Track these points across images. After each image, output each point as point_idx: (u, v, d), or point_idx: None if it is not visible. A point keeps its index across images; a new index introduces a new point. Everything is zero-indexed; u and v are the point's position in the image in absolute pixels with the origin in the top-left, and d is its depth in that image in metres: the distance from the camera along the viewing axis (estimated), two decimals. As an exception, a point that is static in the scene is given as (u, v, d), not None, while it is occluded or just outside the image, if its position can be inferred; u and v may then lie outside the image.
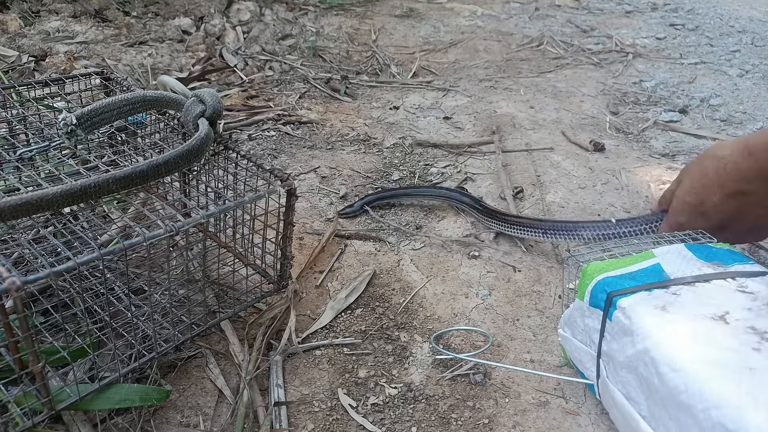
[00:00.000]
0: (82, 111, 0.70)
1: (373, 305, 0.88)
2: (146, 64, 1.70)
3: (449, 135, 1.46)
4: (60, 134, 0.68)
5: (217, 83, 1.68)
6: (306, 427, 0.68)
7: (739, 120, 1.60)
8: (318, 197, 1.15)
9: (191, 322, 0.74)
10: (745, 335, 0.55)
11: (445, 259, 0.99)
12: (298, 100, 1.61)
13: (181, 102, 0.78)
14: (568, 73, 1.96)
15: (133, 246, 0.58)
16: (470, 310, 0.88)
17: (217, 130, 0.78)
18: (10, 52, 1.59)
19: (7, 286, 0.50)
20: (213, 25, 2.04)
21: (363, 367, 0.77)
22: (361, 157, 1.33)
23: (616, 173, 1.29)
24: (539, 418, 0.71)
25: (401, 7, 2.67)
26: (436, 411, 0.71)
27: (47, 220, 0.83)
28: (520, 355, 0.80)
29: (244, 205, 0.71)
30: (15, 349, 0.57)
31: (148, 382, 0.71)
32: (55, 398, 0.61)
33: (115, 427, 0.66)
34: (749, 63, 2.06)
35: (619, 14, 2.74)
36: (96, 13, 1.98)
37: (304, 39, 2.11)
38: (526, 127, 1.51)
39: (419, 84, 1.81)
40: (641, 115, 1.63)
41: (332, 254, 0.98)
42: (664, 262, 0.68)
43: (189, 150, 0.67)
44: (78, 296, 0.74)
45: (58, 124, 0.68)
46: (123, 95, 0.75)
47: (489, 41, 2.28)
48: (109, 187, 0.60)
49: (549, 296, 0.91)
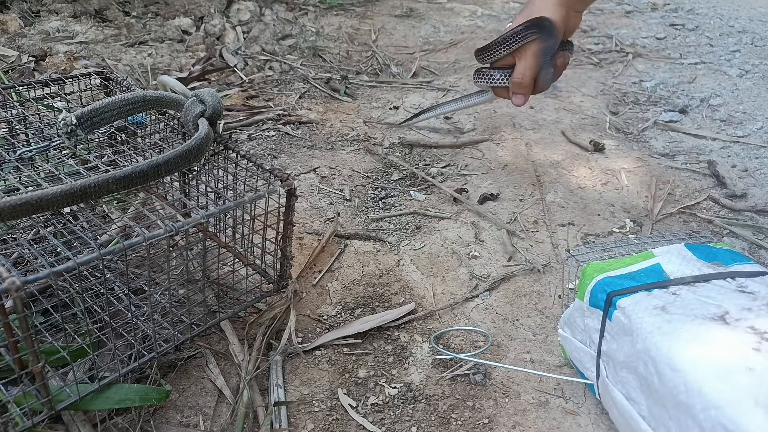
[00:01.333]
0: (81, 111, 0.70)
1: (373, 305, 0.88)
2: (146, 64, 1.70)
3: (449, 135, 1.46)
4: (60, 134, 0.68)
5: (217, 83, 1.68)
6: (306, 427, 0.68)
7: (739, 120, 1.60)
8: (318, 197, 1.15)
9: (191, 322, 0.74)
10: (745, 335, 0.55)
11: (445, 259, 0.99)
12: (298, 100, 1.61)
13: (181, 102, 0.78)
14: (568, 73, 1.96)
15: (133, 246, 0.58)
16: (470, 310, 0.88)
17: (217, 130, 0.78)
18: (10, 52, 1.59)
19: (7, 286, 0.50)
20: (213, 25, 2.04)
21: (363, 367, 0.77)
22: (361, 157, 1.33)
23: (616, 173, 1.29)
24: (539, 418, 0.71)
25: (401, 7, 2.67)
26: (436, 411, 0.71)
27: (47, 220, 0.83)
28: (520, 355, 0.80)
29: (244, 205, 0.71)
30: (15, 349, 0.57)
31: (148, 382, 0.71)
32: (54, 398, 0.61)
33: (115, 427, 0.66)
34: (749, 63, 2.06)
35: (619, 14, 2.74)
36: (96, 13, 1.98)
37: (304, 39, 2.11)
38: (526, 127, 1.51)
39: (419, 84, 1.81)
40: (641, 115, 1.63)
41: (332, 254, 0.98)
42: (663, 262, 0.68)
43: (189, 150, 0.67)
44: (78, 296, 0.74)
45: (57, 124, 0.68)
46: (123, 95, 0.75)
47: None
48: (109, 187, 0.60)
49: (549, 296, 0.91)
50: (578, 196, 1.20)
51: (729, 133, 1.53)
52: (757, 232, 1.10)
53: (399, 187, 1.22)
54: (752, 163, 1.36)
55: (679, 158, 1.39)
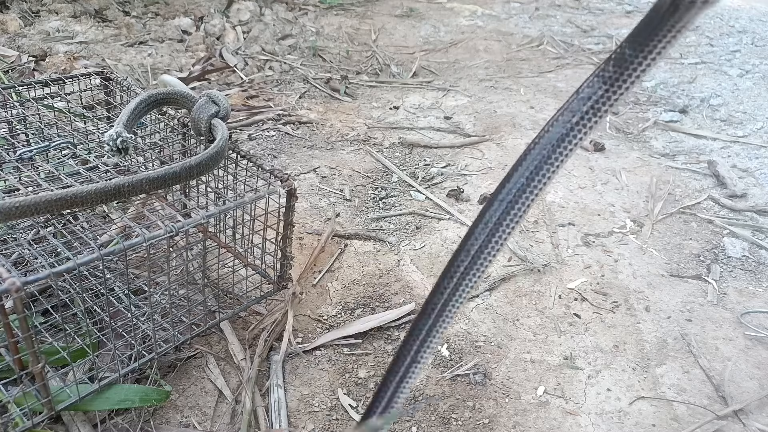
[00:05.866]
0: (121, 121, 0.71)
1: (373, 305, 0.88)
2: (146, 64, 1.70)
3: (449, 135, 1.46)
4: (112, 152, 0.68)
5: (217, 83, 1.68)
6: (306, 427, 0.68)
7: (739, 120, 1.60)
8: (318, 197, 1.15)
9: (191, 323, 0.74)
10: None
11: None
12: (298, 100, 1.61)
13: (194, 100, 0.78)
14: (568, 73, 1.96)
15: (133, 246, 0.58)
16: (470, 310, 0.88)
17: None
18: (10, 52, 1.59)
19: (7, 287, 0.50)
20: (213, 25, 2.04)
21: (363, 367, 0.77)
22: (361, 157, 1.33)
23: (616, 173, 1.29)
24: (539, 418, 0.71)
25: (401, 7, 2.67)
26: (436, 411, 0.71)
27: (47, 221, 0.83)
28: (520, 355, 0.80)
29: (244, 205, 0.71)
30: (15, 350, 0.57)
31: (147, 383, 0.71)
32: (54, 398, 0.61)
33: (115, 428, 0.66)
34: (749, 63, 2.06)
35: (620, 14, 2.74)
36: (96, 13, 1.98)
37: (304, 39, 2.11)
38: (526, 126, 1.51)
39: (419, 84, 1.81)
40: (641, 115, 1.63)
41: (332, 254, 0.98)
42: None
43: (218, 152, 0.68)
44: (78, 296, 0.74)
45: (109, 144, 0.68)
46: (144, 94, 0.76)
47: (489, 41, 2.28)
48: (143, 187, 0.60)
49: (549, 296, 0.91)
50: (578, 196, 1.20)
51: (729, 133, 1.53)
52: (757, 232, 1.10)
53: (399, 187, 1.22)
54: (752, 163, 1.36)
55: (679, 158, 1.39)
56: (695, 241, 1.07)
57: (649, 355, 0.81)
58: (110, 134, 0.68)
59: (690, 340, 0.84)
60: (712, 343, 0.84)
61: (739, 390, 0.76)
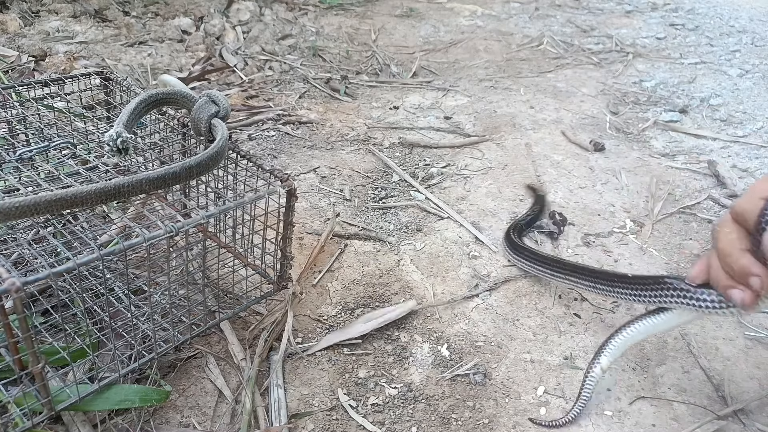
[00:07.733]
0: (121, 121, 0.71)
1: (373, 305, 0.88)
2: (146, 64, 1.70)
3: (449, 135, 1.46)
4: (112, 152, 0.68)
5: (217, 83, 1.68)
6: (306, 427, 0.68)
7: (739, 120, 1.60)
8: (318, 197, 1.15)
9: (191, 323, 0.74)
10: None
11: (445, 259, 0.99)
12: (298, 100, 1.61)
13: (194, 99, 0.78)
14: (568, 73, 1.96)
15: (133, 246, 0.58)
16: (470, 310, 0.88)
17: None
18: (10, 52, 1.59)
19: (7, 287, 0.50)
20: (213, 25, 2.04)
21: (363, 367, 0.77)
22: (361, 157, 1.33)
23: (616, 173, 1.29)
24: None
25: (401, 7, 2.67)
26: (436, 411, 0.71)
27: (47, 221, 0.83)
28: (520, 355, 0.80)
29: (243, 205, 0.71)
30: (15, 350, 0.57)
31: (147, 383, 0.71)
32: (54, 399, 0.61)
33: (115, 428, 0.66)
34: (749, 63, 2.06)
35: (619, 14, 2.74)
36: (96, 13, 1.98)
37: (304, 39, 2.11)
38: (526, 126, 1.51)
39: (419, 84, 1.81)
40: (641, 115, 1.63)
41: (332, 254, 0.98)
42: None
43: (218, 152, 0.67)
44: (78, 296, 0.74)
45: (109, 144, 0.68)
46: (143, 94, 0.76)
47: (489, 41, 2.28)
48: (142, 187, 0.60)
49: (549, 296, 0.91)
50: (578, 196, 1.20)
51: (729, 132, 1.53)
52: (757, 232, 1.10)
53: (399, 187, 1.22)
54: (752, 163, 1.36)
55: (679, 158, 1.39)
56: (695, 241, 1.07)
57: (648, 355, 0.81)
58: (110, 134, 0.68)
59: (690, 340, 0.84)
60: (712, 343, 0.84)
61: (739, 390, 0.76)
